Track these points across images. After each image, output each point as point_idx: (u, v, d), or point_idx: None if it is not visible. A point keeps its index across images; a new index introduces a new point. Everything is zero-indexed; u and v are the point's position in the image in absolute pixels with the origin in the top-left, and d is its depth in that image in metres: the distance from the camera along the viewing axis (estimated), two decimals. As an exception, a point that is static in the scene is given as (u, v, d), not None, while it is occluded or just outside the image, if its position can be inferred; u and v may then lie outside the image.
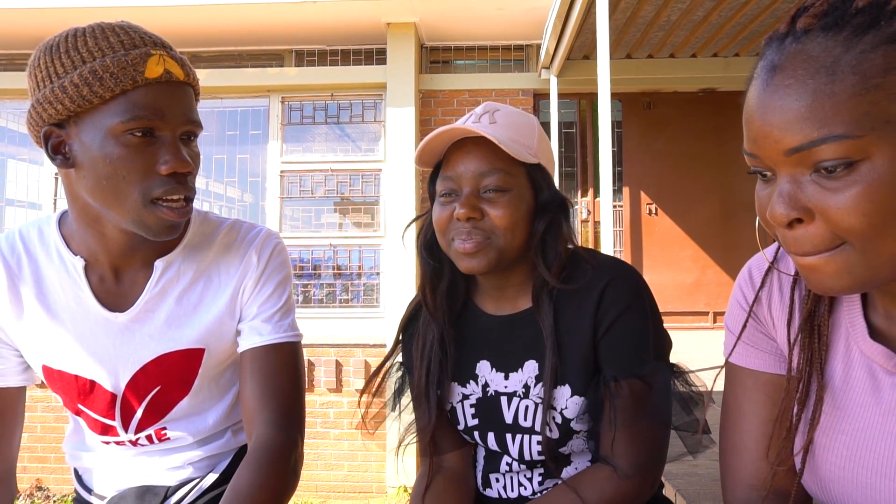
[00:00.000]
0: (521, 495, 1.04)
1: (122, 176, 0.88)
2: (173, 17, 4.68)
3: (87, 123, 0.88)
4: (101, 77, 0.85)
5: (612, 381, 0.93)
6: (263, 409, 0.98)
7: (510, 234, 0.95)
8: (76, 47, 0.87)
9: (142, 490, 1.05)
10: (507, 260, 0.96)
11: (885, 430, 0.63)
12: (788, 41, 0.56)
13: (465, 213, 0.93)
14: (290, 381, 1.02)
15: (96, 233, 0.96)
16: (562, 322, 0.98)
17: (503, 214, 0.94)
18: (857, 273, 0.57)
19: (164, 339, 1.00)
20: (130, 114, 0.86)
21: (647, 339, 0.96)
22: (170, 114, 0.89)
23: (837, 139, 0.53)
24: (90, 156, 0.88)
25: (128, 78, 0.86)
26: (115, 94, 0.86)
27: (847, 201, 0.54)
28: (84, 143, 0.88)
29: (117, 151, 0.87)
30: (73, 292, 0.99)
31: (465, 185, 0.96)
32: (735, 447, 0.78)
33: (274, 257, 1.05)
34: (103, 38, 0.88)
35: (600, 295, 0.95)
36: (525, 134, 0.99)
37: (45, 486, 4.73)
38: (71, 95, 0.86)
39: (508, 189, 0.95)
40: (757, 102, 0.57)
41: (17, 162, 5.42)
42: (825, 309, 0.70)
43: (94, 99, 0.86)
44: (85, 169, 0.89)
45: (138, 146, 0.88)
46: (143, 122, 0.87)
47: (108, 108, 0.87)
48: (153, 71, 0.88)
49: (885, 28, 0.52)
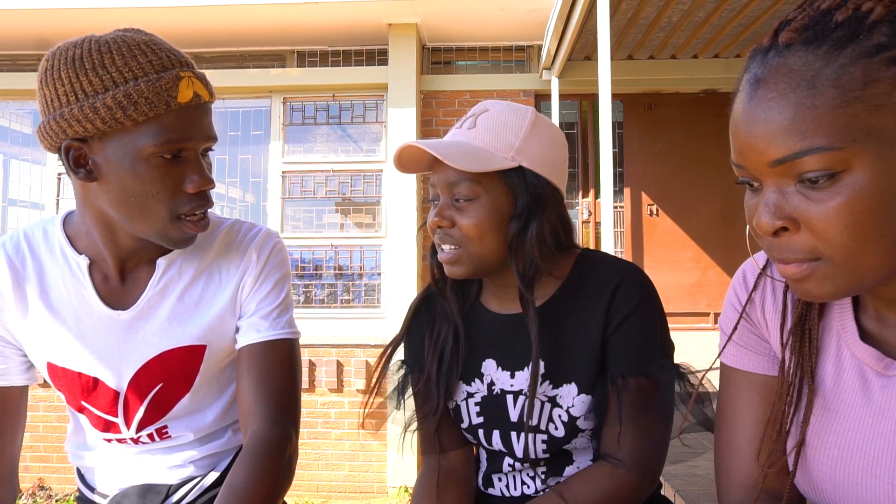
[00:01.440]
0: (524, 494, 1.05)
1: (151, 194, 0.91)
2: (175, 17, 4.69)
3: (115, 142, 0.89)
4: (136, 102, 0.87)
5: (620, 377, 0.94)
6: (258, 403, 0.99)
7: (478, 242, 0.96)
8: (104, 66, 0.87)
9: (144, 488, 1.06)
10: (486, 265, 0.98)
11: (876, 431, 0.64)
12: (771, 55, 0.57)
13: (436, 222, 0.97)
14: (287, 377, 1.03)
15: (106, 238, 0.98)
16: (569, 321, 0.99)
17: (469, 223, 0.95)
18: (838, 282, 0.58)
19: (167, 336, 1.02)
20: (163, 137, 0.89)
21: (655, 339, 0.97)
22: (196, 134, 0.93)
23: (819, 151, 0.54)
24: (118, 173, 0.90)
25: (161, 103, 0.88)
26: (148, 119, 0.88)
27: (829, 212, 0.55)
28: (110, 160, 0.90)
29: (147, 172, 0.90)
30: (76, 291, 1.00)
31: (441, 193, 0.98)
32: (729, 448, 0.79)
33: (273, 255, 1.07)
34: (132, 58, 0.88)
35: (612, 294, 0.96)
36: (504, 137, 0.97)
37: (48, 486, 4.75)
38: (103, 117, 0.87)
39: (475, 197, 0.95)
40: (742, 115, 0.58)
41: (20, 162, 5.44)
42: (816, 312, 0.71)
43: (126, 122, 0.87)
44: (110, 184, 0.91)
45: (167, 167, 0.91)
46: (174, 146, 0.90)
47: (139, 130, 0.89)
48: (185, 95, 0.90)
49: (863, 42, 0.53)
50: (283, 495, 0.97)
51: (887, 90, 0.52)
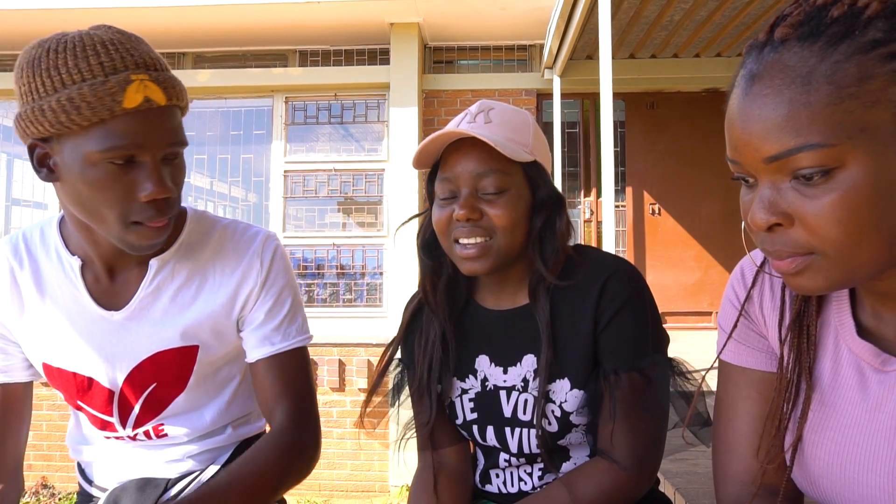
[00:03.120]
0: (521, 490, 1.05)
1: (100, 200, 0.88)
2: (177, 17, 4.70)
3: (68, 144, 0.87)
4: (78, 106, 0.84)
5: (612, 374, 0.94)
6: (277, 408, 1.04)
7: (510, 234, 0.96)
8: (56, 66, 0.85)
9: (142, 482, 1.06)
10: (508, 259, 0.98)
11: (872, 426, 0.64)
12: (767, 51, 0.57)
13: (465, 214, 0.94)
14: (303, 382, 1.07)
15: (88, 237, 0.98)
16: (561, 317, 0.99)
17: (502, 214, 0.95)
18: (832, 276, 0.58)
19: (159, 338, 1.02)
20: (108, 143, 0.85)
21: (647, 334, 0.97)
22: (149, 141, 0.88)
23: (813, 148, 0.54)
24: (71, 177, 0.88)
25: (104, 108, 0.84)
26: (92, 123, 0.85)
27: (824, 208, 0.55)
28: (66, 162, 0.88)
29: (96, 177, 0.86)
30: (69, 291, 1.01)
31: (463, 187, 0.96)
32: (727, 444, 0.79)
33: (276, 262, 1.06)
34: (83, 59, 0.85)
35: (601, 290, 0.96)
36: (520, 132, 0.99)
37: (51, 484, 4.76)
38: (50, 120, 0.85)
39: (506, 189, 0.96)
40: (737, 111, 0.59)
41: (24, 162, 5.45)
42: (814, 308, 0.71)
43: (72, 126, 0.85)
44: (67, 185, 0.89)
45: (117, 173, 0.87)
46: (120, 152, 0.86)
47: (86, 135, 0.85)
48: (132, 100, 0.85)
49: (858, 38, 0.53)
50: (291, 482, 1.03)
51: (882, 86, 0.53)
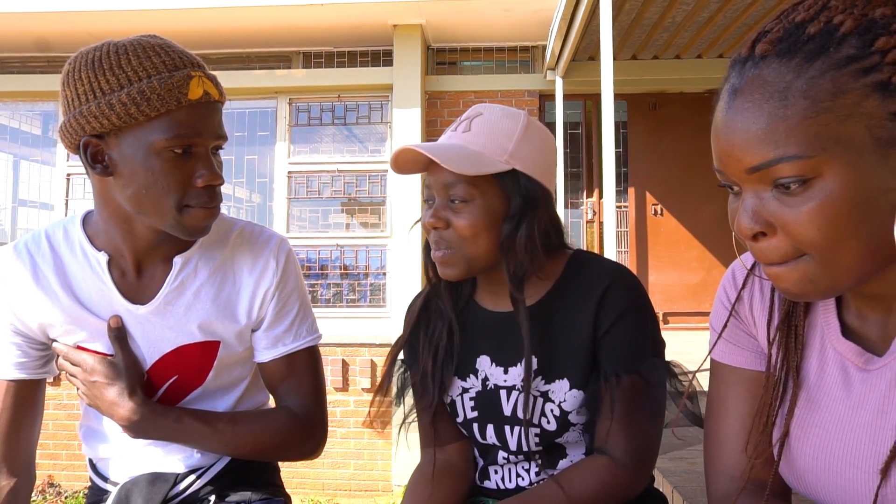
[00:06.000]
0: (518, 486, 1.07)
1: (161, 186, 0.96)
2: (181, 19, 4.74)
3: (130, 137, 0.95)
4: (149, 98, 0.93)
5: (613, 376, 0.97)
6: (289, 401, 1.13)
7: (473, 243, 0.98)
8: (120, 66, 0.94)
9: (152, 476, 1.10)
10: (479, 266, 1.00)
11: (855, 422, 0.67)
12: (748, 66, 0.60)
13: (431, 223, 1.00)
14: (312, 381, 1.16)
15: (124, 231, 1.03)
16: (561, 319, 1.01)
17: (464, 224, 0.98)
18: (818, 282, 0.60)
19: (183, 332, 1.07)
20: (173, 132, 0.94)
21: (647, 339, 1.00)
22: (206, 131, 0.98)
23: (791, 159, 0.56)
24: (131, 167, 0.96)
25: (173, 99, 0.94)
26: (160, 114, 0.94)
27: (803, 216, 0.57)
28: (125, 154, 0.96)
29: (159, 165, 0.95)
30: (96, 286, 1.05)
31: (437, 195, 1.01)
32: (717, 440, 0.82)
33: (290, 264, 1.13)
34: (146, 59, 0.95)
35: (601, 298, 0.98)
36: (499, 140, 0.99)
37: (57, 483, 4.80)
38: (118, 113, 0.93)
39: (471, 199, 0.98)
40: (721, 123, 0.61)
41: (30, 163, 5.50)
42: (802, 310, 0.73)
43: (140, 117, 0.93)
44: (125, 178, 0.97)
45: (177, 161, 0.96)
46: (183, 140, 0.95)
47: (151, 126, 0.94)
48: (195, 93, 0.96)
49: (833, 54, 0.56)
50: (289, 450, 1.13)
51: (856, 101, 0.55)
